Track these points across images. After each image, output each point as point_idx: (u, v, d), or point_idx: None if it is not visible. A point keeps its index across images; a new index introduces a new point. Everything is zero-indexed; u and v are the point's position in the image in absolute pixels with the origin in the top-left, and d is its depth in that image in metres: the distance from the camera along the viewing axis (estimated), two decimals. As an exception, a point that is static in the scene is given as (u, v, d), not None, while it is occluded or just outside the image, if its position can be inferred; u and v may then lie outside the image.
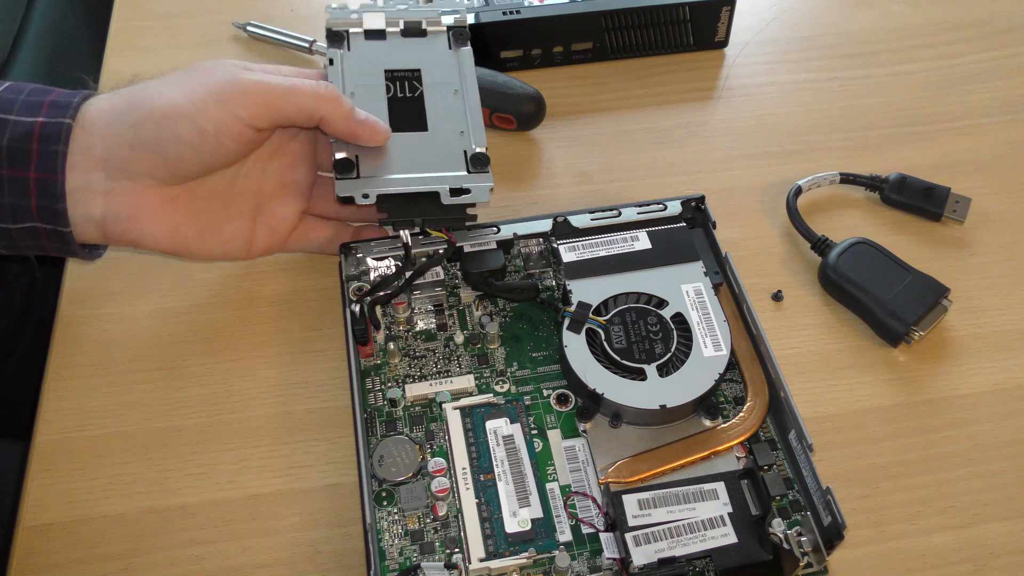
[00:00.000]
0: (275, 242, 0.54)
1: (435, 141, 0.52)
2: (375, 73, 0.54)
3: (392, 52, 0.55)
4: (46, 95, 0.47)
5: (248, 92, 0.47)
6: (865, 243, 0.56)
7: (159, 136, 0.46)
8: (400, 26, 0.56)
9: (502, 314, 0.53)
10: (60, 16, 0.92)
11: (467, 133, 0.52)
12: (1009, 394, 0.52)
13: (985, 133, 0.65)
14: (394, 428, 0.49)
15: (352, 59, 0.54)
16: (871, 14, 0.74)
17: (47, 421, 0.50)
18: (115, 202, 0.47)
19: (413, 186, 0.50)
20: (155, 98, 0.47)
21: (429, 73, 0.54)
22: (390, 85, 0.54)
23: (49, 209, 0.46)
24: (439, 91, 0.54)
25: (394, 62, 0.54)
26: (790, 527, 0.44)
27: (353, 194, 0.49)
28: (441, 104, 0.53)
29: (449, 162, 0.51)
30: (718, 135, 0.65)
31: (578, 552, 0.45)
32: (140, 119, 0.47)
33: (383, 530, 0.45)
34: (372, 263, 0.53)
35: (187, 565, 0.46)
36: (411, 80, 0.54)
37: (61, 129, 0.46)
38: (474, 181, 0.51)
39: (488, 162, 0.51)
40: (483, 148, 0.52)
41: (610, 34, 0.68)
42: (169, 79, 0.48)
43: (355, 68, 0.54)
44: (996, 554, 0.47)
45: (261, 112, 0.48)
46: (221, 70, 0.48)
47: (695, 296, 0.51)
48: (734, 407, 0.50)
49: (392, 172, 0.51)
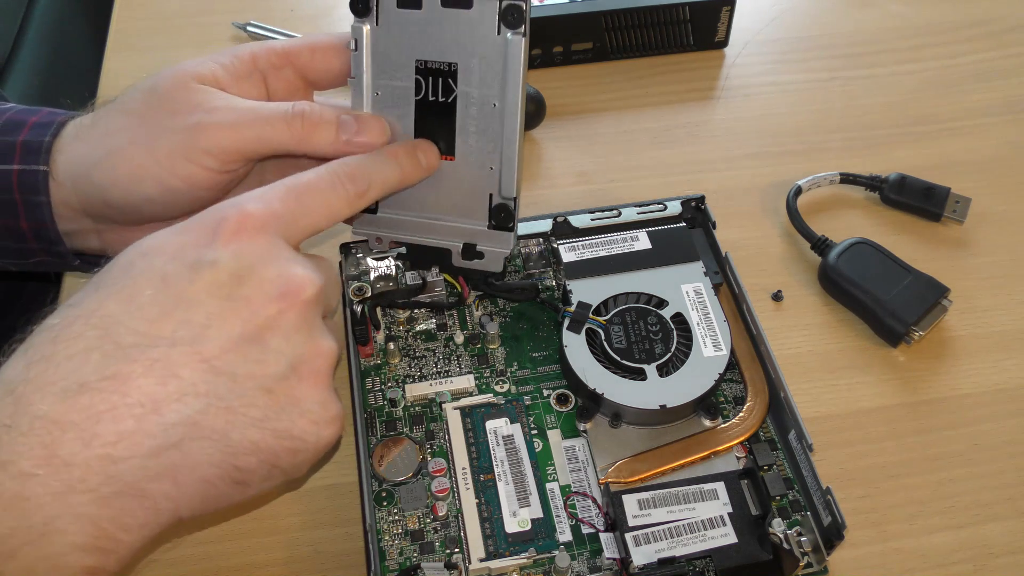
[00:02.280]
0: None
1: (460, 176, 0.47)
2: (405, 64, 0.45)
3: (428, 32, 0.45)
4: (18, 132, 0.44)
5: (215, 142, 0.42)
6: (865, 243, 0.56)
7: (131, 199, 0.44)
8: None
9: (502, 314, 0.53)
10: (60, 16, 0.93)
11: (496, 171, 0.46)
12: (1009, 394, 0.52)
13: (985, 133, 0.65)
14: (394, 428, 0.49)
15: (380, 42, 0.45)
16: (871, 14, 0.74)
17: (47, 421, 0.50)
18: (109, 238, 0.47)
19: (426, 238, 0.49)
20: (119, 154, 0.43)
21: (467, 71, 0.45)
22: (420, 81, 0.45)
23: (52, 251, 0.46)
24: (475, 100, 0.45)
25: (429, 49, 0.45)
26: (790, 527, 0.44)
27: (367, 237, 0.49)
28: (475, 122, 0.45)
29: (471, 206, 0.47)
30: (718, 135, 0.65)
31: (578, 552, 0.45)
32: (108, 183, 0.43)
33: (383, 530, 0.45)
34: (372, 263, 0.53)
35: (187, 565, 0.46)
36: (445, 78, 0.45)
37: (38, 178, 0.44)
38: (491, 243, 0.48)
39: (512, 218, 0.47)
40: (511, 196, 0.46)
41: (610, 34, 0.68)
42: (129, 112, 0.44)
43: (382, 57, 0.46)
44: (996, 554, 0.47)
45: (232, 159, 0.43)
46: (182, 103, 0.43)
47: (695, 296, 0.51)
48: (734, 407, 0.50)
49: (410, 209, 0.48)
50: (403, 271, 0.53)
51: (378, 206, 0.49)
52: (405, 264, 0.53)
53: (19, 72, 0.82)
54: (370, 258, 0.53)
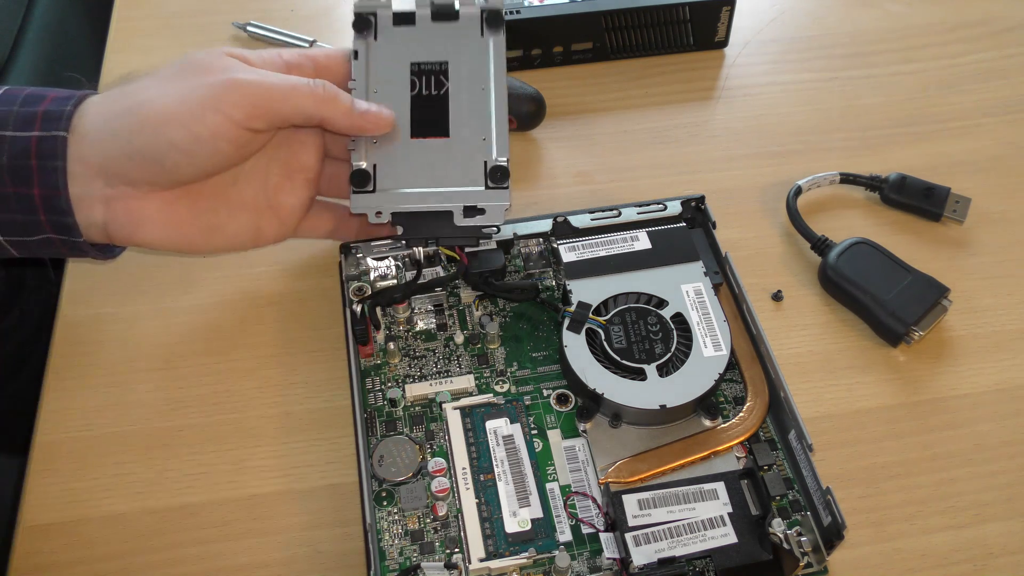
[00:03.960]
0: (284, 232, 0.53)
1: (456, 150, 0.50)
2: (400, 68, 0.51)
3: (420, 41, 0.52)
4: (39, 104, 0.46)
5: (245, 95, 0.46)
6: (865, 243, 0.56)
7: (155, 145, 0.45)
8: (430, 7, 0.52)
9: (502, 314, 0.53)
10: (60, 16, 0.92)
11: (489, 140, 0.51)
12: (1009, 394, 0.52)
13: (985, 133, 0.65)
14: (394, 428, 0.49)
15: (378, 52, 0.52)
16: (871, 14, 0.74)
17: (47, 421, 0.50)
18: (116, 208, 0.47)
19: (427, 204, 0.50)
20: (148, 104, 0.46)
21: (457, 66, 0.51)
22: (415, 80, 0.51)
23: (59, 223, 0.46)
24: (465, 88, 0.51)
25: (421, 53, 0.52)
26: (790, 527, 0.44)
27: (367, 211, 0.49)
28: (466, 105, 0.51)
29: (468, 174, 0.50)
30: (718, 135, 0.65)
31: (578, 552, 0.45)
32: (135, 127, 0.45)
33: (383, 530, 0.45)
34: (372, 263, 0.53)
35: (187, 565, 0.46)
36: (437, 75, 0.51)
37: (56, 143, 0.45)
38: (490, 199, 0.50)
39: (507, 176, 0.50)
40: (504, 159, 0.50)
41: (610, 34, 0.68)
42: (162, 77, 0.47)
43: (380, 63, 0.51)
44: (996, 554, 0.47)
45: (258, 115, 0.46)
46: (217, 66, 0.47)
47: (695, 296, 0.51)
48: (734, 407, 0.50)
49: (408, 185, 0.50)
50: (403, 270, 0.53)
51: (376, 184, 0.50)
52: (405, 264, 0.53)
53: (19, 72, 0.82)
54: (370, 258, 0.53)
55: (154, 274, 0.56)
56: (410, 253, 0.53)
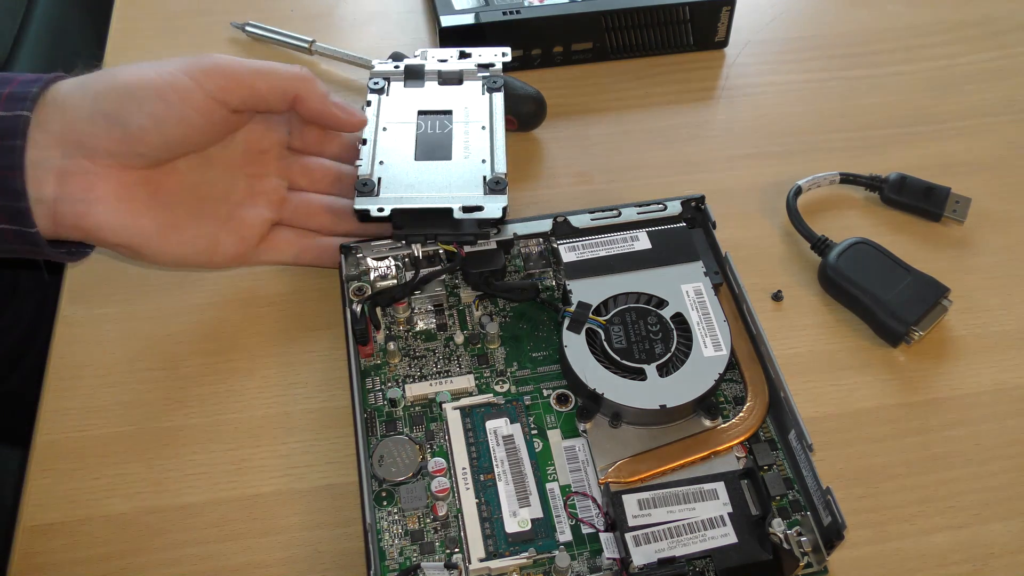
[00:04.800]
0: (243, 250, 0.52)
1: (457, 168, 0.53)
2: (408, 112, 0.56)
3: (427, 96, 0.57)
4: (5, 86, 0.44)
5: (220, 66, 0.46)
6: (865, 243, 0.56)
7: (121, 106, 0.44)
8: (437, 78, 0.58)
9: (502, 314, 0.53)
10: (60, 16, 0.92)
11: (488, 162, 0.53)
12: (1009, 394, 0.52)
13: (985, 133, 0.65)
14: (394, 428, 0.49)
15: (389, 102, 0.57)
16: (871, 14, 0.74)
17: (47, 421, 0.50)
18: (69, 182, 0.44)
19: (427, 202, 0.51)
20: (123, 72, 0.46)
21: (460, 113, 0.56)
22: (421, 123, 0.56)
23: (12, 208, 0.44)
24: (467, 128, 0.55)
25: (428, 104, 0.57)
26: (790, 527, 0.44)
27: (368, 208, 0.50)
28: (468, 138, 0.55)
29: (468, 185, 0.52)
30: (718, 135, 0.65)
31: (578, 552, 0.45)
32: (103, 89, 0.45)
33: (383, 530, 0.45)
34: (372, 263, 0.53)
35: (187, 565, 0.46)
36: (442, 119, 0.56)
37: (19, 122, 0.43)
38: (489, 200, 0.51)
39: (505, 186, 0.52)
40: (503, 172, 0.52)
41: (610, 34, 0.68)
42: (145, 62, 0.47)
43: (390, 109, 0.56)
44: (996, 554, 0.47)
45: (231, 87, 0.46)
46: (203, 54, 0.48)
47: (695, 296, 0.51)
48: (734, 407, 0.50)
49: (411, 192, 0.52)
50: (403, 270, 0.53)
51: (379, 189, 0.51)
52: (405, 264, 0.53)
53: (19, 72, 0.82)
54: (370, 258, 0.53)
55: (154, 274, 0.56)
56: (409, 252, 0.53)
